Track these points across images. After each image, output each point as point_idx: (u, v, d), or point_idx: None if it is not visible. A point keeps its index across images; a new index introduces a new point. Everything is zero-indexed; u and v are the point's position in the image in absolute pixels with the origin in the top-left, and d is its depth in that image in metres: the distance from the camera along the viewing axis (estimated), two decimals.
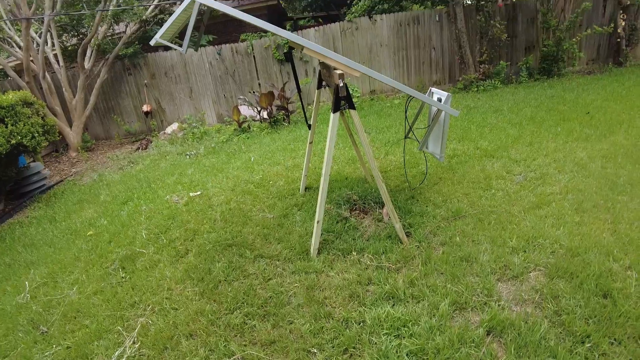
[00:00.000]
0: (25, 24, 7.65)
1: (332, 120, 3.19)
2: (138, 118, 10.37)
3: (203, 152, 7.52)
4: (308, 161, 4.76)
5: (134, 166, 7.51)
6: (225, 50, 10.17)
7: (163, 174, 6.55)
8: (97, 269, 3.84)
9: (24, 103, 6.45)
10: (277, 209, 4.49)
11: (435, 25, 10.41)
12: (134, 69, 9.91)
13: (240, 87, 10.52)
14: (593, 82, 9.18)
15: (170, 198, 5.30)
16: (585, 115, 6.42)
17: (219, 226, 4.26)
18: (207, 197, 5.16)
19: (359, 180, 4.99)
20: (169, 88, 10.25)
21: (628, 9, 10.47)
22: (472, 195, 4.24)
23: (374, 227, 3.89)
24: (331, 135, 3.21)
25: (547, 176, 4.46)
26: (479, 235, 3.46)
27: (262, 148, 7.09)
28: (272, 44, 10.16)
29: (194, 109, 10.49)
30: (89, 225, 4.98)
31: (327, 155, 3.25)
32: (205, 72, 10.25)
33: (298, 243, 3.68)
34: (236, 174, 5.87)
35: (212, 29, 11.73)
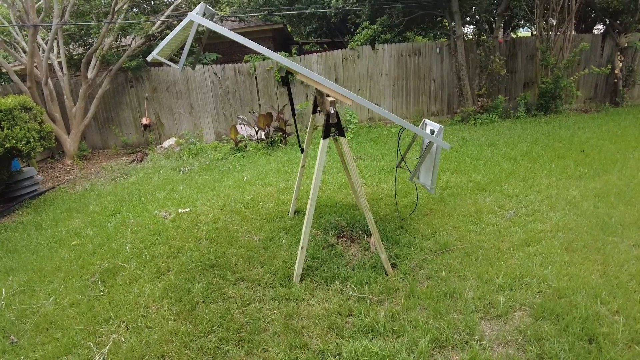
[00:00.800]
0: (32, 31, 7.75)
1: (322, 146, 3.19)
2: (136, 130, 10.41)
3: (197, 169, 7.50)
4: (299, 184, 4.75)
5: (126, 178, 7.47)
6: (228, 70, 10.31)
7: (154, 188, 6.52)
8: (77, 281, 3.75)
9: (23, 108, 6.47)
10: (264, 231, 4.44)
11: (436, 57, 10.60)
12: (136, 81, 10.01)
13: (240, 106, 10.60)
14: (589, 120, 9.33)
15: (158, 213, 5.25)
16: (580, 153, 6.48)
17: (203, 245, 4.19)
18: (195, 214, 5.11)
19: (349, 207, 4.95)
20: (169, 103, 10.32)
21: (625, 51, 10.74)
22: (462, 228, 4.21)
23: (360, 255, 3.84)
24: (320, 161, 3.21)
25: (538, 213, 4.45)
26: (465, 271, 3.41)
27: (256, 168, 7.08)
28: (275, 66, 10.30)
29: (193, 125, 10.54)
30: (75, 234, 4.90)
31: (315, 180, 3.24)
32: (206, 90, 10.35)
33: (281, 268, 3.62)
34: (227, 193, 5.84)
35: (217, 48, 11.94)
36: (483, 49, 9.83)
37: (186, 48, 3.40)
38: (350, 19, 11.52)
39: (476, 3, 9.61)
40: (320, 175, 3.23)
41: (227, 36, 3.12)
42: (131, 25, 8.97)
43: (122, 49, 9.82)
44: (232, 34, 3.10)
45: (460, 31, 9.79)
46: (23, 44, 9.11)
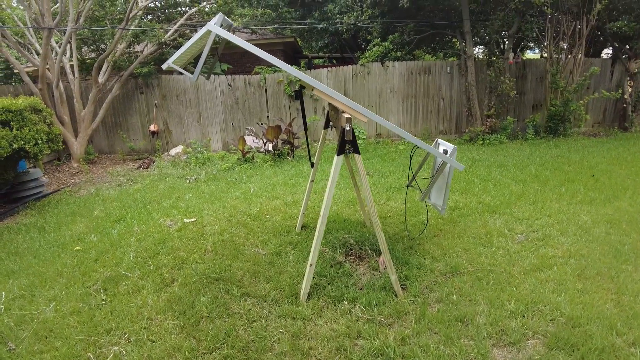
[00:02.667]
0: (47, 33, 7.82)
1: (336, 162, 3.15)
2: (144, 137, 10.42)
3: (204, 178, 7.47)
4: (307, 199, 4.69)
5: (132, 184, 7.43)
6: (238, 81, 10.35)
7: (160, 196, 6.47)
8: (79, 288, 3.68)
9: (33, 109, 6.48)
10: (270, 245, 4.37)
11: (446, 76, 10.63)
12: (146, 88, 10.06)
13: (249, 117, 10.62)
14: (598, 144, 9.29)
15: (163, 222, 5.19)
16: (590, 178, 6.42)
17: (208, 257, 4.13)
18: (201, 224, 5.05)
19: (358, 224, 4.89)
20: (178, 111, 10.35)
21: (635, 76, 10.76)
22: (472, 251, 4.13)
23: (368, 275, 3.76)
24: (333, 178, 3.16)
25: (549, 238, 4.37)
26: (476, 295, 3.33)
27: (264, 180, 7.04)
28: (285, 79, 10.35)
29: (201, 134, 10.55)
30: (78, 239, 4.84)
31: (327, 197, 3.18)
32: (216, 100, 10.39)
33: (288, 285, 3.54)
34: (233, 204, 5.79)
35: (228, 59, 12.03)
36: (493, 70, 9.85)
37: (202, 58, 3.39)
38: (361, 35, 11.62)
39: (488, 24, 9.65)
40: (333, 192, 3.18)
41: (243, 47, 3.11)
42: (144, 32, 9.05)
43: (134, 55, 9.90)
44: (249, 46, 3.08)
45: (471, 51, 9.83)
46: (37, 46, 9.20)
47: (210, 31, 3.21)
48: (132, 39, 9.16)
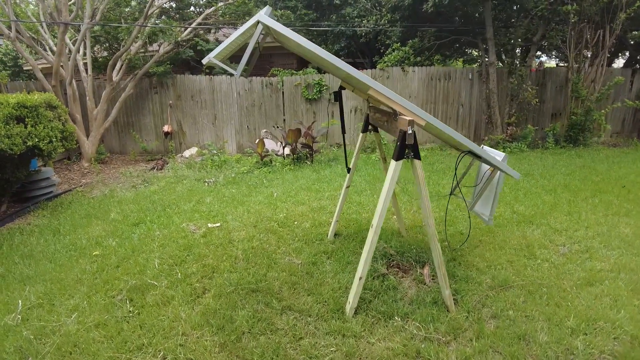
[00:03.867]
0: (62, 29, 7.59)
1: (394, 168, 2.87)
2: (157, 137, 10.16)
3: (222, 181, 7.20)
4: (341, 206, 4.43)
5: (148, 186, 7.16)
6: (255, 83, 10.12)
7: (179, 199, 6.19)
8: (101, 297, 3.39)
9: (48, 106, 6.22)
10: (304, 254, 4.09)
11: (466, 83, 10.40)
12: (160, 87, 9.81)
13: (264, 120, 10.37)
14: (621, 155, 9.11)
15: (186, 226, 4.91)
16: (621, 189, 6.23)
17: (240, 266, 3.84)
18: (226, 230, 4.77)
19: (393, 233, 4.62)
20: (193, 111, 10.11)
21: None
22: (517, 263, 3.90)
23: (414, 288, 3.48)
24: (390, 185, 2.88)
25: (593, 250, 4.16)
26: (532, 311, 3.10)
27: (285, 185, 6.77)
28: (303, 82, 10.12)
29: (216, 135, 10.30)
30: (96, 244, 4.56)
31: (383, 205, 2.91)
32: (232, 101, 10.14)
33: (331, 298, 3.26)
34: (258, 209, 5.51)
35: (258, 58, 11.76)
36: (516, 77, 9.61)
37: (247, 52, 3.13)
38: (380, 39, 11.40)
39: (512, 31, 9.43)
40: (389, 201, 2.90)
41: (296, 42, 2.85)
42: (161, 30, 8.82)
43: (149, 54, 9.66)
44: (303, 40, 2.82)
45: (494, 58, 9.60)
46: (50, 42, 8.97)
47: (259, 22, 2.97)
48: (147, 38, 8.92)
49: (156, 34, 8.79)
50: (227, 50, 3.31)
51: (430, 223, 3.03)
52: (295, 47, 3.57)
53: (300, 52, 3.62)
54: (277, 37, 3.58)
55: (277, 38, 3.73)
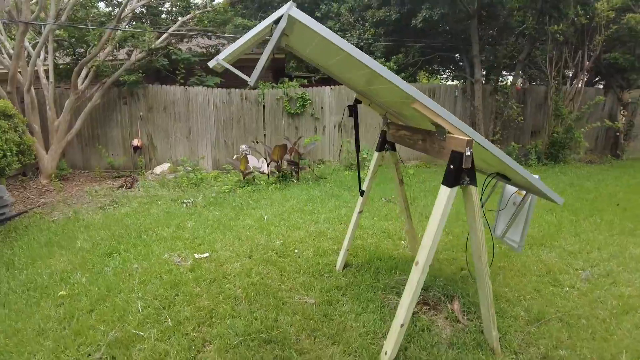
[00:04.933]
0: (22, 29, 6.72)
1: (448, 195, 2.40)
2: (125, 152, 9.28)
3: (202, 202, 6.52)
4: (353, 234, 3.95)
5: (118, 207, 6.35)
6: (234, 95, 9.54)
7: (156, 223, 5.48)
8: (73, 355, 2.70)
9: (2, 115, 5.38)
10: (315, 291, 3.54)
11: (450, 100, 10.30)
12: (130, 98, 9.00)
13: (244, 135, 9.78)
14: (602, 172, 9.38)
15: (169, 258, 4.24)
16: (616, 207, 6.28)
17: (243, 309, 3.24)
18: (217, 262, 4.15)
19: (406, 261, 4.19)
20: (165, 124, 9.34)
21: (627, 106, 10.93)
22: (545, 291, 3.65)
23: (449, 329, 3.05)
24: (442, 215, 2.42)
25: (614, 274, 4.01)
26: (582, 348, 2.82)
27: (274, 206, 6.19)
28: (285, 96, 9.65)
29: (190, 150, 9.56)
30: (61, 280, 3.80)
31: (433, 240, 2.43)
32: (208, 114, 9.49)
33: (361, 347, 2.74)
34: (249, 235, 4.91)
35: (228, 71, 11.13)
36: (502, 95, 9.60)
37: (264, 55, 2.62)
38: None
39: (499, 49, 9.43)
40: (439, 235, 2.44)
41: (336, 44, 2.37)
42: (133, 35, 8.08)
43: (119, 62, 8.84)
44: (343, 43, 2.35)
45: (480, 75, 9.55)
46: (7, 44, 8.00)
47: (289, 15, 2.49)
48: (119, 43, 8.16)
49: (126, 40, 8.02)
50: (237, 52, 2.77)
51: (483, 259, 2.62)
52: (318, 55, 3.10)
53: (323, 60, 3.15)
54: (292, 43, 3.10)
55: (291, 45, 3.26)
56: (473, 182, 2.47)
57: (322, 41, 2.55)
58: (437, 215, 2.42)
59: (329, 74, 3.74)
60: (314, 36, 2.57)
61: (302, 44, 3.09)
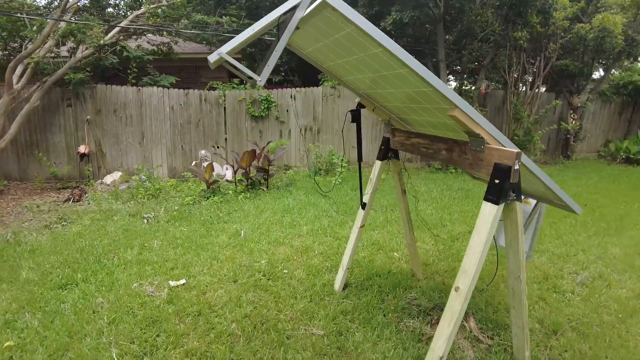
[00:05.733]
0: None
1: (493, 215, 2.11)
2: (69, 160, 8.23)
3: (165, 217, 5.85)
4: (354, 251, 3.60)
5: (67, 226, 5.51)
6: (192, 97, 8.84)
7: (116, 244, 4.78)
8: None
9: None
10: (319, 319, 3.14)
11: None
12: (76, 100, 8.00)
13: (203, 139, 9.10)
14: (559, 173, 9.83)
15: (140, 287, 3.64)
16: (585, 208, 6.46)
17: (243, 348, 2.77)
18: (198, 289, 3.61)
19: (407, 277, 3.93)
20: (115, 129, 8.43)
21: (577, 110, 11.56)
22: (549, 299, 3.62)
23: (471, 349, 2.84)
24: (488, 235, 2.13)
25: (605, 276, 4.14)
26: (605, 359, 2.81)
27: (249, 219, 5.68)
28: (248, 97, 9.10)
29: (143, 157, 8.71)
30: (5, 325, 3.09)
31: (477, 261, 2.14)
32: (164, 117, 8.70)
33: None
34: (228, 255, 4.39)
35: (176, 71, 10.38)
36: (466, 99, 9.71)
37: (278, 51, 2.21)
38: None
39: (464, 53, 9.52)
40: (484, 257, 2.15)
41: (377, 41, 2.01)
42: (79, 29, 7.13)
43: (63, 60, 7.80)
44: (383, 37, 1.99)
45: (445, 79, 9.59)
46: None
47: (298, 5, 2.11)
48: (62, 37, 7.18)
49: (74, 34, 7.07)
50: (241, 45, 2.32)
51: (522, 278, 2.41)
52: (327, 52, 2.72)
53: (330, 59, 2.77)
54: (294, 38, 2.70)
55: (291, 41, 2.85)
56: (519, 197, 2.21)
57: (348, 35, 2.19)
58: (482, 235, 2.14)
59: (328, 74, 3.37)
60: (338, 29, 2.21)
61: (309, 39, 2.70)
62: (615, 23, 9.42)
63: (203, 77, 12.87)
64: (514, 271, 2.46)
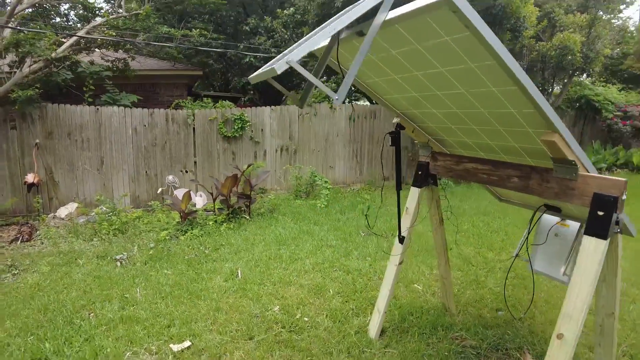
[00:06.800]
0: None
1: (601, 251, 1.88)
2: (15, 191, 6.99)
3: (140, 257, 5.03)
4: (392, 291, 3.14)
5: (20, 275, 4.52)
6: (158, 116, 8.01)
7: (88, 296, 3.95)
8: None
9: None
10: None
11: (389, 121, 10.11)
12: (22, 121, 6.86)
13: (169, 163, 8.25)
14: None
15: (134, 357, 2.90)
16: None
17: None
18: (209, 353, 2.95)
19: (441, 312, 3.57)
20: (70, 154, 7.37)
21: None
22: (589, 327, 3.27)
23: None
24: (595, 274, 1.89)
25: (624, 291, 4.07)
26: None
27: (241, 255, 5.01)
28: (220, 117, 8.43)
29: (103, 186, 7.69)
30: None
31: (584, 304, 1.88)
32: (126, 140, 7.78)
33: None
34: (232, 304, 3.74)
35: (135, 89, 9.47)
36: None
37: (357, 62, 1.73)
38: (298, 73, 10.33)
39: None
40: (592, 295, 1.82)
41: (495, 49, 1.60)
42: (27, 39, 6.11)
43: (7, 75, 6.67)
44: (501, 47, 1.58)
45: None
46: None
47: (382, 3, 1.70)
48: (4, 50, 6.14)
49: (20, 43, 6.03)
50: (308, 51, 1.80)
51: (616, 315, 2.21)
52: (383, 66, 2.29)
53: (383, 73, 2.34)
54: None
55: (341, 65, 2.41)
56: (621, 230, 1.91)
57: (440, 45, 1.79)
58: (589, 275, 1.87)
59: (366, 91, 2.93)
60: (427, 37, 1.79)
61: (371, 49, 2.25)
62: (575, 41, 9.87)
63: (161, 96, 11.99)
64: (606, 307, 2.22)
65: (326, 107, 9.39)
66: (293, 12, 9.92)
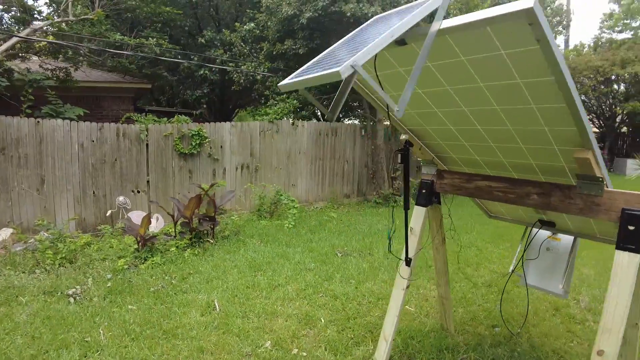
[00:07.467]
0: None
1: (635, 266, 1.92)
2: None
3: (97, 291, 4.41)
4: (399, 318, 2.95)
5: None
6: (107, 131, 7.31)
7: (39, 344, 3.34)
8: None
9: None
10: None
11: (350, 139, 10.16)
12: None
13: (120, 183, 7.54)
14: None
15: None
16: None
17: None
18: None
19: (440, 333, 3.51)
20: (4, 172, 6.43)
21: None
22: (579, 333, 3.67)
23: None
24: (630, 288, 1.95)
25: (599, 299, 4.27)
26: None
27: (213, 284, 4.58)
28: (176, 132, 7.90)
29: (43, 208, 6.80)
30: None
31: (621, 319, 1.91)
32: (71, 157, 6.98)
33: None
34: (217, 342, 3.35)
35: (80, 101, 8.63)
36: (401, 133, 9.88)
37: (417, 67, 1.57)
38: (257, 88, 10.08)
39: None
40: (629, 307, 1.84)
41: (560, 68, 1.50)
42: None
43: None
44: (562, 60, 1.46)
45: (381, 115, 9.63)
46: None
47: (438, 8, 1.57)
48: None
49: None
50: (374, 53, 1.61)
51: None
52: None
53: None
54: None
55: None
56: None
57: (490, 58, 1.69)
58: (626, 289, 1.90)
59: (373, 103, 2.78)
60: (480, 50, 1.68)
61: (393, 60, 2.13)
62: None
63: (105, 110, 11.13)
64: (631, 318, 2.21)
65: (288, 124, 9.18)
66: (253, 27, 9.69)
